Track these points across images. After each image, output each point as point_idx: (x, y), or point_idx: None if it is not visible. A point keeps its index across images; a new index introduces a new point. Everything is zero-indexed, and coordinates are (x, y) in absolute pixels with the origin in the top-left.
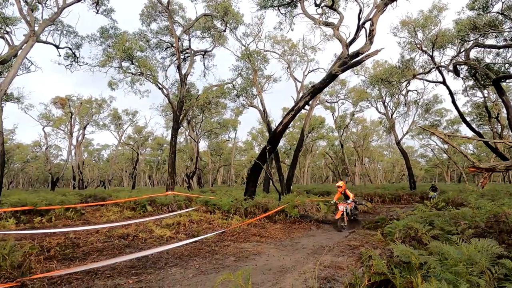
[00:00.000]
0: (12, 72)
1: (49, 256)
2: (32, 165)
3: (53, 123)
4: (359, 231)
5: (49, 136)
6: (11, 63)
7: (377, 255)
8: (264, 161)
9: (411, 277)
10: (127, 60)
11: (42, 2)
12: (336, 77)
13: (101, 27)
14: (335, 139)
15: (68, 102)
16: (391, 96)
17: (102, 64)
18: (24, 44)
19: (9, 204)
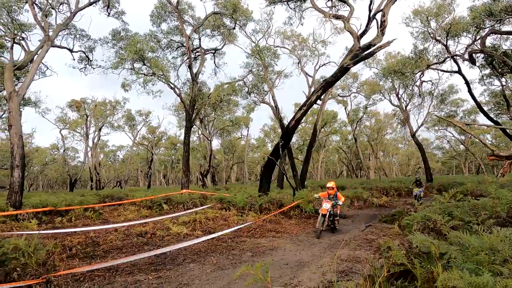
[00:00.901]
0: (29, 77)
1: (71, 254)
2: (51, 168)
3: (69, 126)
4: (375, 225)
5: (66, 138)
6: (28, 69)
7: (396, 246)
8: (278, 157)
9: (431, 267)
10: (139, 61)
11: (55, 7)
12: (348, 70)
13: (113, 29)
14: (348, 133)
15: (83, 105)
16: (404, 88)
17: (115, 66)
18: (40, 49)
19: (31, 205)
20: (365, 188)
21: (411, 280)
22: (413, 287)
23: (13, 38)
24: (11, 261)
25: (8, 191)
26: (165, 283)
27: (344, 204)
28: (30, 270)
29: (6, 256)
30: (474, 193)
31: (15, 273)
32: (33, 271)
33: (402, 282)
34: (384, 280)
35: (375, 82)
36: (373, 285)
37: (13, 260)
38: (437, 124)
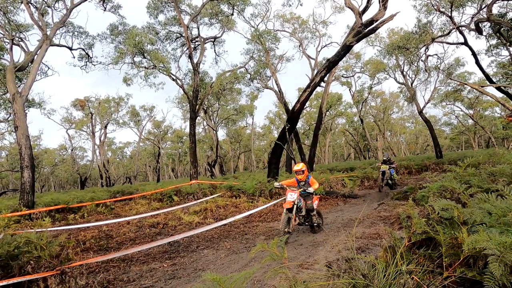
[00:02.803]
0: (31, 77)
1: (85, 248)
2: (61, 168)
3: (75, 125)
4: (388, 202)
5: (73, 138)
6: (29, 69)
7: (416, 215)
8: (285, 141)
9: (455, 233)
10: (139, 55)
11: (51, 5)
12: (351, 48)
13: (110, 24)
14: (354, 115)
15: (87, 103)
16: (409, 64)
17: (115, 61)
18: (39, 49)
19: (43, 204)
20: (374, 168)
21: (434, 247)
22: (437, 254)
23: (12, 39)
24: (24, 255)
25: (20, 192)
26: (180, 270)
27: (318, 192)
28: (43, 263)
29: (19, 250)
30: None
31: (29, 266)
32: (47, 264)
33: (425, 250)
34: (406, 250)
35: (379, 60)
36: (394, 255)
37: (26, 253)
38: (445, 99)
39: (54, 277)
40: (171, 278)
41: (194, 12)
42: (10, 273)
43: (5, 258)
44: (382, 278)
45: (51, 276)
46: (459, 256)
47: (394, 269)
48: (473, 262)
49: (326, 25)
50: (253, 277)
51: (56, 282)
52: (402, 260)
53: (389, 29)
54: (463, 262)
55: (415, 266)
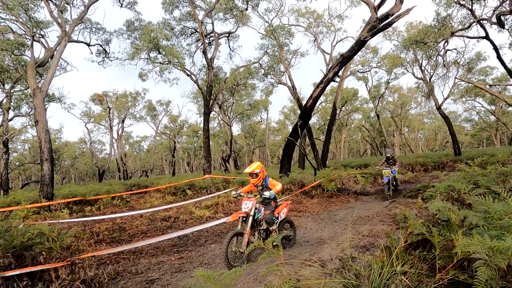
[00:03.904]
0: (50, 73)
1: (99, 239)
2: (80, 161)
3: (94, 120)
4: (399, 200)
5: (92, 132)
6: (49, 65)
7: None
8: (297, 138)
9: (450, 235)
10: (154, 50)
11: (69, 2)
12: (365, 43)
13: (127, 20)
14: (371, 110)
15: (105, 98)
16: (428, 59)
17: (131, 56)
18: (58, 45)
19: (61, 196)
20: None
21: (430, 249)
22: (431, 256)
23: (32, 36)
24: (36, 246)
25: (40, 185)
26: (187, 263)
27: (281, 194)
28: (55, 254)
29: (32, 241)
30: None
31: (41, 256)
32: (58, 255)
33: (420, 251)
34: (402, 251)
35: (396, 55)
36: (390, 255)
37: (39, 244)
38: (465, 95)
39: (65, 267)
40: (178, 271)
41: (209, 7)
42: (24, 263)
43: (19, 248)
44: (377, 278)
45: (61, 267)
46: (453, 259)
47: (389, 270)
48: (467, 265)
49: (341, 20)
50: (256, 273)
51: (66, 273)
52: (398, 260)
53: (407, 22)
54: (457, 264)
55: (409, 267)
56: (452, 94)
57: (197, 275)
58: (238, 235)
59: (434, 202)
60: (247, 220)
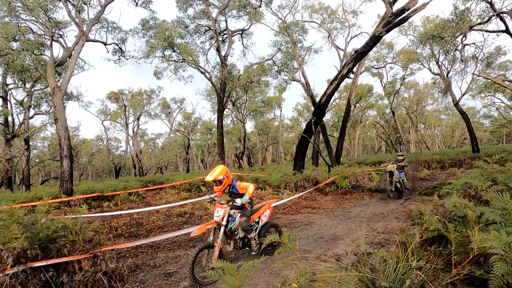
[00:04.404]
0: (69, 72)
1: (117, 234)
2: (97, 158)
3: (110, 117)
4: (415, 198)
5: (108, 129)
6: (67, 64)
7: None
8: (311, 134)
9: (467, 231)
10: (169, 48)
11: (86, 2)
12: (380, 39)
13: (142, 19)
14: (386, 107)
15: (121, 96)
16: (445, 54)
17: (147, 55)
18: (76, 44)
19: (81, 192)
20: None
21: (445, 245)
22: (447, 251)
23: (52, 36)
24: (61, 239)
25: (60, 181)
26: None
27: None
28: (78, 247)
29: (57, 234)
30: None
31: (65, 249)
32: (81, 247)
33: (436, 247)
34: (417, 246)
35: (412, 50)
36: (405, 251)
37: (63, 237)
38: (484, 90)
39: (87, 260)
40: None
41: (222, 5)
42: (49, 255)
43: (44, 241)
44: (392, 273)
45: (84, 259)
46: (469, 254)
47: (405, 265)
48: (483, 261)
49: (356, 15)
50: (271, 267)
51: (89, 265)
52: (413, 256)
53: (423, 17)
54: (473, 260)
55: (425, 262)
56: (470, 90)
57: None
58: (209, 247)
59: (451, 198)
60: (218, 230)
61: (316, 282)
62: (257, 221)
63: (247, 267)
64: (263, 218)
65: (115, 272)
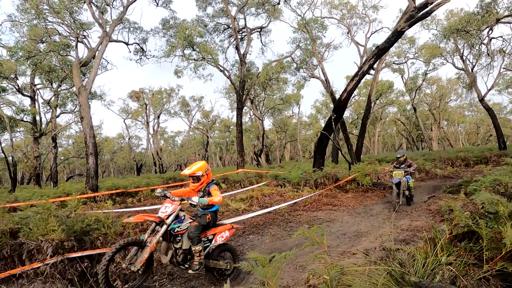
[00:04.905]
0: (93, 72)
1: (143, 229)
2: (119, 155)
3: (131, 116)
4: (439, 196)
5: (129, 127)
6: (91, 64)
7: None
8: (331, 132)
9: (499, 227)
10: (188, 47)
11: (109, 3)
12: (403, 34)
13: (162, 19)
14: (407, 103)
15: (142, 95)
16: (470, 48)
17: (167, 54)
18: (100, 45)
19: (105, 188)
20: (427, 159)
21: (476, 241)
22: (478, 247)
23: (77, 37)
24: (94, 231)
25: (86, 177)
26: None
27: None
28: (110, 239)
29: (90, 227)
30: None
31: (98, 241)
32: (113, 240)
33: (466, 243)
34: (446, 242)
35: (435, 44)
36: (434, 247)
37: (96, 230)
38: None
39: None
40: None
41: (241, 3)
42: (84, 246)
43: (79, 233)
44: (421, 268)
45: None
46: (501, 250)
47: (434, 260)
48: None
49: (376, 10)
50: (296, 262)
51: (120, 257)
52: (442, 252)
53: (447, 10)
54: (505, 256)
55: (455, 258)
56: (496, 85)
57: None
58: (139, 246)
59: (482, 195)
60: (159, 228)
61: (344, 276)
62: (210, 238)
63: (279, 259)
64: (219, 238)
65: None
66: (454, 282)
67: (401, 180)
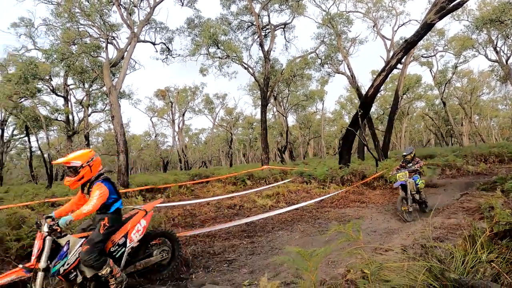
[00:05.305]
0: (123, 72)
1: (175, 223)
2: (146, 152)
3: (157, 114)
4: (472, 193)
5: (156, 125)
6: (121, 65)
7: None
8: (357, 128)
9: None
10: (213, 46)
11: (137, 5)
12: (433, 27)
13: (187, 18)
14: (435, 97)
15: (167, 93)
16: (504, 39)
17: (192, 53)
18: (128, 46)
19: (136, 184)
20: (458, 155)
21: None
22: None
23: (107, 38)
24: None
25: (117, 174)
26: (258, 247)
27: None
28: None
29: None
30: None
31: None
32: None
33: (508, 241)
34: (487, 240)
35: (466, 36)
36: (473, 245)
37: None
38: None
39: None
40: (251, 254)
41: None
42: None
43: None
44: (460, 265)
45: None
46: None
47: (473, 257)
48: None
49: (403, 2)
50: (328, 258)
51: None
52: (482, 249)
53: (479, 0)
54: None
55: (496, 256)
56: None
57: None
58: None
59: None
60: (34, 281)
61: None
62: (121, 242)
63: (321, 253)
64: (134, 235)
65: (182, 257)
66: (496, 279)
67: (407, 182)
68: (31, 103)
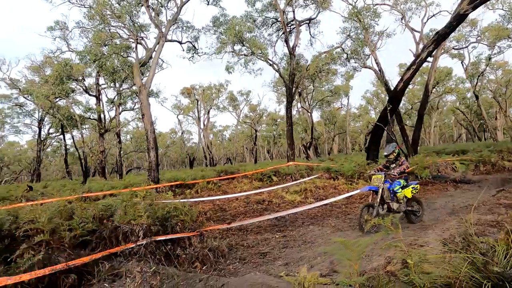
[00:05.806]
0: (152, 71)
1: (207, 218)
2: (172, 149)
3: (183, 111)
4: (509, 189)
5: (181, 123)
6: (149, 64)
7: None
8: (386, 123)
9: None
10: (238, 43)
11: (164, 5)
12: (466, 17)
13: (213, 16)
14: (467, 91)
15: (193, 91)
16: None
17: (218, 51)
18: (156, 45)
19: (165, 180)
20: (492, 150)
21: None
22: None
23: (136, 39)
24: (173, 218)
25: (148, 170)
26: (291, 241)
27: None
28: (187, 225)
29: (170, 214)
30: None
31: (177, 227)
32: (189, 226)
33: None
34: None
35: (501, 26)
36: None
37: (175, 217)
38: None
39: (196, 237)
40: (284, 247)
41: None
42: (166, 231)
43: (162, 219)
44: (503, 259)
45: (193, 236)
46: None
47: None
48: None
49: None
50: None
51: (197, 241)
52: None
53: None
54: None
55: None
56: None
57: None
58: None
59: None
60: None
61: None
62: None
63: (364, 243)
64: None
65: (218, 249)
66: None
67: (378, 188)
68: (66, 102)
